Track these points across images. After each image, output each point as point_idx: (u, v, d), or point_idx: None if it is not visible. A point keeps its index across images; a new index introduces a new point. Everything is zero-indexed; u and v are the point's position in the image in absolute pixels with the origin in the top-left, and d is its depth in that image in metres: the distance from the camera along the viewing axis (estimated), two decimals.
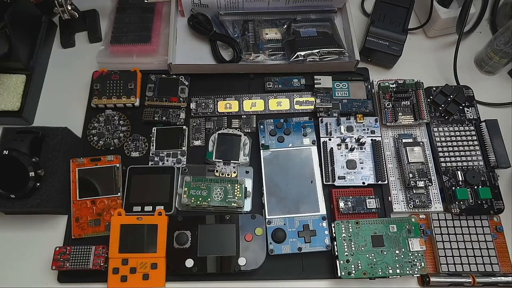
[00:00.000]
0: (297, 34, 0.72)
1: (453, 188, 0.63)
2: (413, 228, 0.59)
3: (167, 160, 0.67)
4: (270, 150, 0.66)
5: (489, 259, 0.60)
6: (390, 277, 0.57)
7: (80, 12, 0.77)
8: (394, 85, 0.69)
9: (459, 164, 0.65)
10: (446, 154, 0.66)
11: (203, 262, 0.58)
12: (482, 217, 0.62)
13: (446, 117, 0.68)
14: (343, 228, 0.59)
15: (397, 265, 0.57)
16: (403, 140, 0.65)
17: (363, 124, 0.68)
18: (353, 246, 0.58)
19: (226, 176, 0.65)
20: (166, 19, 0.76)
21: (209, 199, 0.62)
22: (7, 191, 0.59)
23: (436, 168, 0.66)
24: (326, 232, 0.61)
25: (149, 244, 0.59)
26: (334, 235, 0.59)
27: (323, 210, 0.62)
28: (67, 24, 0.78)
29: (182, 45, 0.74)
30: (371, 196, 0.63)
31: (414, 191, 0.64)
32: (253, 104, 0.71)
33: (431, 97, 0.69)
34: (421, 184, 0.63)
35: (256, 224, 0.60)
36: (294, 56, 0.70)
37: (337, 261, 0.58)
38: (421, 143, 0.65)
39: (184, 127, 0.69)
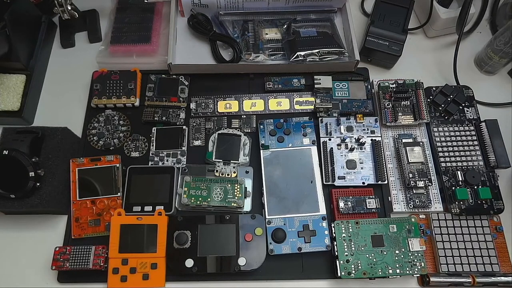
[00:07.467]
0: (297, 34, 0.72)
1: (453, 188, 0.63)
2: (413, 228, 0.59)
3: (167, 160, 0.67)
4: (270, 150, 0.66)
5: (489, 259, 0.60)
6: (390, 277, 0.57)
7: (80, 12, 0.77)
8: (394, 85, 0.69)
9: (459, 164, 0.65)
10: (446, 154, 0.66)
11: (203, 262, 0.58)
12: (482, 217, 0.62)
13: (446, 117, 0.68)
14: (343, 228, 0.59)
15: (397, 265, 0.57)
16: (403, 140, 0.65)
17: (363, 124, 0.68)
18: (353, 246, 0.58)
19: (226, 176, 0.65)
20: (166, 19, 0.76)
21: (209, 199, 0.62)
22: (7, 191, 0.59)
23: (436, 168, 0.66)
24: (326, 232, 0.61)
25: (149, 244, 0.59)
26: (334, 235, 0.59)
27: (323, 210, 0.62)
28: (67, 24, 0.78)
29: (182, 45, 0.74)
30: (371, 196, 0.63)
31: (414, 191, 0.64)
32: (253, 104, 0.71)
33: (431, 97, 0.69)
34: (421, 184, 0.63)
35: (256, 224, 0.60)
36: (294, 56, 0.70)
37: (337, 261, 0.58)
38: (421, 143, 0.65)
39: (184, 127, 0.69)
